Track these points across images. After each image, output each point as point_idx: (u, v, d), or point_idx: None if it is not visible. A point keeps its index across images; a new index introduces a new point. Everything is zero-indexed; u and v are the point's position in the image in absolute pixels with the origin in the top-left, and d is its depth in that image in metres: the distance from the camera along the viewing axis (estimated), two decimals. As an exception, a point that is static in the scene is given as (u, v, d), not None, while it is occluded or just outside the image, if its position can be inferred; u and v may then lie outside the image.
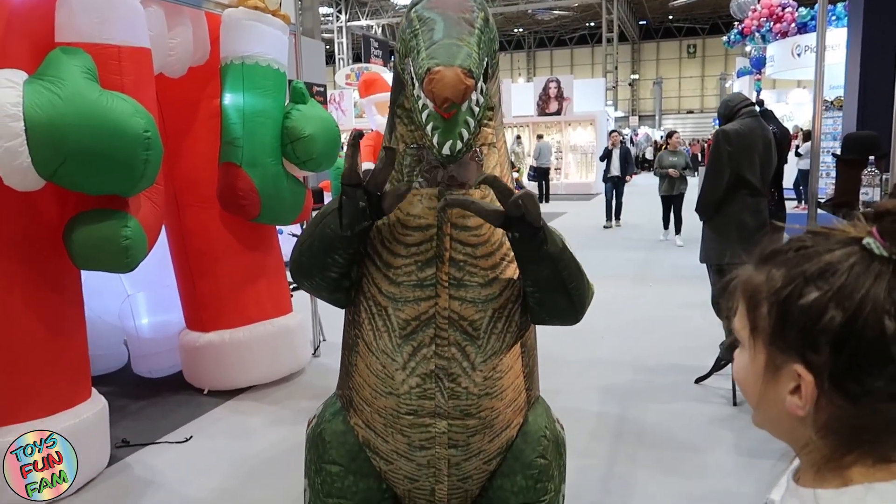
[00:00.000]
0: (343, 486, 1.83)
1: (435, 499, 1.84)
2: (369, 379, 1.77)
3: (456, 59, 1.38)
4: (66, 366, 2.92)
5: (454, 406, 1.72)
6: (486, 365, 1.72)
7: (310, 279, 1.76)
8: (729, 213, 3.67)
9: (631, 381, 4.13)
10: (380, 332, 1.72)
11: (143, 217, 2.93)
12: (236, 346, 4.04)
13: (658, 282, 7.09)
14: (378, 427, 1.79)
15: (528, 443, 1.85)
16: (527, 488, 1.84)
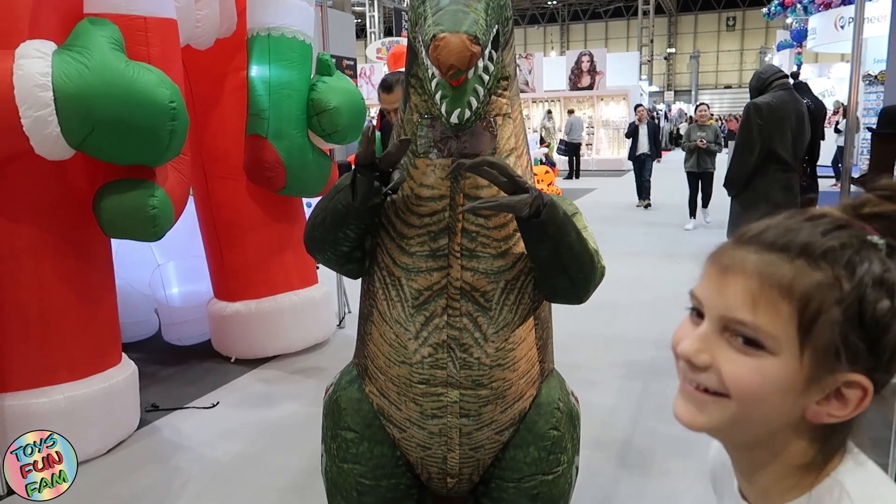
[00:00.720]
0: (357, 451, 1.87)
1: (447, 467, 1.87)
2: (383, 348, 1.80)
3: (461, 25, 1.37)
4: (96, 331, 3.01)
5: (466, 376, 1.74)
6: (498, 336, 1.73)
7: (322, 253, 1.79)
8: (758, 188, 3.59)
9: (653, 358, 4.11)
10: (393, 302, 1.74)
11: (169, 187, 2.98)
12: (263, 316, 4.11)
13: (686, 260, 6.99)
14: (391, 395, 1.82)
15: (541, 415, 1.86)
16: (539, 459, 1.85)
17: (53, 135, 2.51)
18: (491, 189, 1.65)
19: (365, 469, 1.87)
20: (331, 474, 1.93)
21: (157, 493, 2.71)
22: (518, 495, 1.86)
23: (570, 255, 1.65)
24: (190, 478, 2.82)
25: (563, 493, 1.91)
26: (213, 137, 4.00)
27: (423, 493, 2.01)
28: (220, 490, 2.72)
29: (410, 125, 1.68)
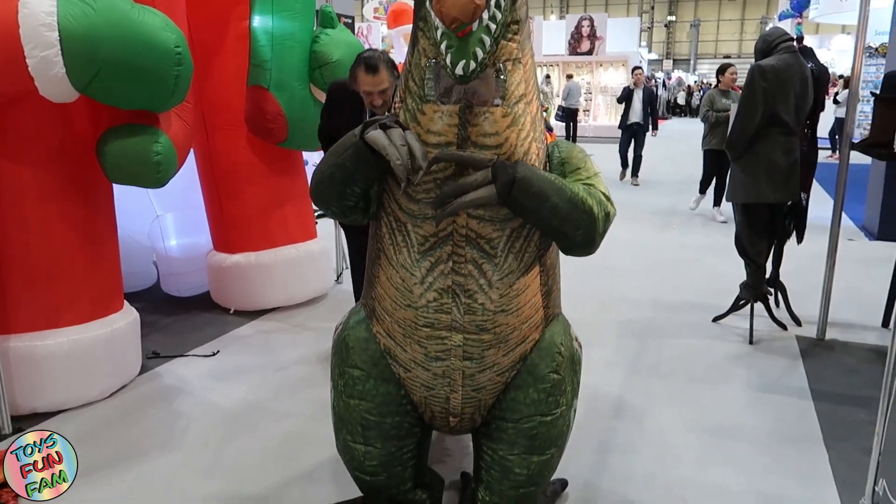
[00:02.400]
0: (364, 388, 1.91)
1: (449, 406, 1.92)
2: (389, 291, 1.83)
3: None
4: (99, 277, 3.02)
5: (470, 321, 1.77)
6: (502, 283, 1.76)
7: (328, 206, 1.83)
8: (760, 151, 3.60)
9: (650, 318, 4.17)
10: (399, 247, 1.77)
11: (173, 134, 2.97)
12: (262, 268, 4.13)
13: (682, 226, 7.04)
14: (397, 337, 1.86)
15: (542, 358, 1.90)
16: (538, 401, 1.90)
17: (59, 76, 2.49)
18: (499, 137, 1.65)
19: (371, 405, 1.91)
20: (337, 409, 1.98)
21: (161, 434, 2.75)
22: (517, 435, 1.92)
23: (559, 218, 1.67)
24: (192, 421, 2.87)
25: (560, 433, 1.96)
26: (213, 87, 3.96)
27: (425, 433, 2.07)
28: (223, 433, 2.77)
29: (418, 69, 1.67)
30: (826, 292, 3.81)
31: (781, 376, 3.35)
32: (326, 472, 2.46)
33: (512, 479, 1.95)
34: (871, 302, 4.24)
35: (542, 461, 1.94)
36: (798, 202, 3.85)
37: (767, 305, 3.95)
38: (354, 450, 1.97)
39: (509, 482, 1.96)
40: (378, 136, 1.62)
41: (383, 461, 1.96)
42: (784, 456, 2.61)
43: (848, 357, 3.59)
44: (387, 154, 1.59)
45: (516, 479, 1.95)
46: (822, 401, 3.06)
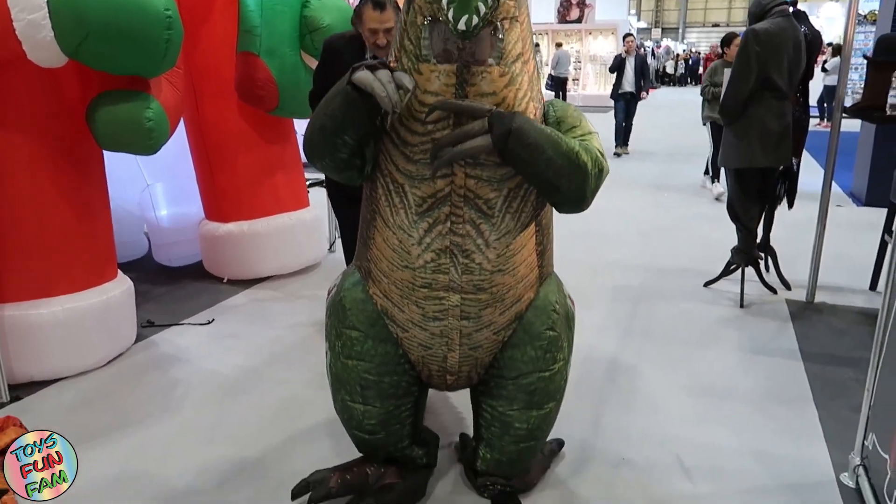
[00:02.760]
0: (362, 349, 1.93)
1: (447, 365, 1.94)
2: (386, 252, 1.83)
3: None
4: (93, 245, 3.00)
5: (467, 281, 1.79)
6: (499, 242, 1.77)
7: (321, 159, 1.78)
8: (753, 116, 3.61)
9: (642, 283, 4.21)
10: (396, 209, 1.77)
11: (164, 100, 2.93)
12: (255, 237, 4.12)
13: (673, 193, 7.07)
14: (395, 298, 1.86)
15: (538, 316, 1.92)
16: (536, 358, 1.93)
17: (47, 40, 2.44)
18: (496, 97, 1.66)
19: (369, 365, 1.93)
20: (335, 370, 1.99)
21: (159, 401, 2.77)
22: (517, 391, 1.95)
23: (553, 171, 1.67)
24: (190, 388, 2.88)
25: (558, 388, 2.00)
26: (202, 54, 3.90)
27: (422, 392, 2.10)
28: (221, 399, 2.78)
29: (414, 28, 1.65)
30: (815, 257, 3.85)
31: (772, 338, 3.40)
32: (325, 436, 2.49)
33: (512, 434, 1.99)
34: (859, 266, 4.29)
35: (541, 415, 1.98)
36: (789, 167, 3.88)
37: (758, 270, 3.99)
38: (353, 409, 1.99)
39: (510, 437, 1.99)
40: (364, 75, 1.58)
41: (382, 420, 1.99)
42: (775, 414, 2.66)
43: (836, 319, 3.65)
44: (372, 90, 1.56)
45: (516, 434, 1.99)
46: (811, 361, 3.12)
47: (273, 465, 2.32)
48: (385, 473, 2.06)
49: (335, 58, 3.03)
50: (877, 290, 4.01)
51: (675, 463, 2.34)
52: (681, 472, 2.29)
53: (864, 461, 2.17)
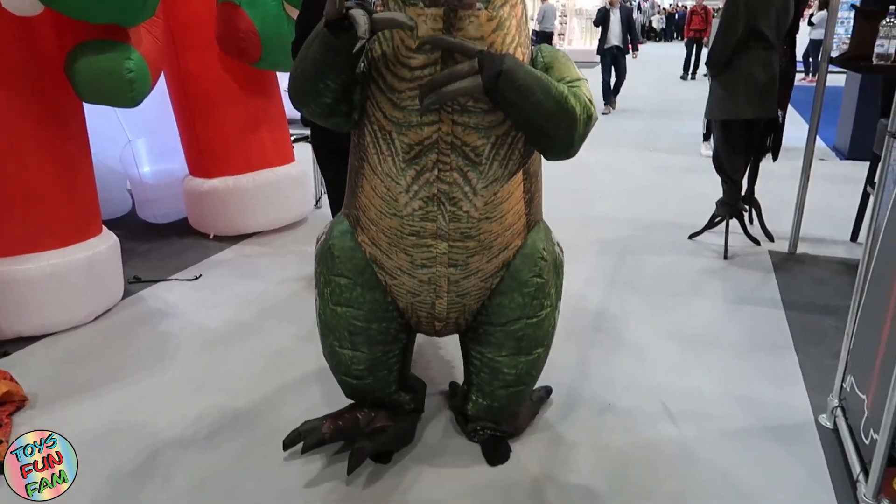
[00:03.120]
0: (351, 296, 1.94)
1: (435, 312, 1.96)
2: (374, 200, 1.83)
3: None
4: (76, 199, 2.96)
5: (455, 228, 1.79)
6: (487, 190, 1.77)
7: (306, 106, 1.76)
8: (740, 67, 3.60)
9: (627, 237, 4.24)
10: (384, 156, 1.76)
11: (145, 51, 2.87)
12: (241, 193, 4.09)
13: (658, 147, 7.08)
14: (383, 245, 1.87)
15: (525, 264, 1.94)
16: (524, 305, 1.96)
17: (21, -15, 2.37)
18: (484, 41, 1.64)
19: (358, 312, 1.95)
20: (324, 316, 2.00)
21: (150, 355, 2.77)
22: (505, 338, 1.99)
23: (542, 115, 1.65)
24: (182, 341, 2.89)
25: (546, 334, 2.03)
26: (182, 5, 3.80)
27: (410, 339, 2.12)
28: (211, 352, 2.80)
29: None
30: (798, 209, 3.90)
31: (755, 289, 3.46)
32: (314, 387, 2.51)
33: (501, 379, 2.03)
34: (841, 218, 4.35)
35: (529, 360, 2.02)
36: (775, 119, 3.89)
37: (742, 222, 4.03)
38: (342, 355, 2.01)
39: (499, 382, 2.03)
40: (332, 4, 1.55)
41: (369, 365, 2.01)
42: (757, 361, 2.73)
43: (818, 269, 3.71)
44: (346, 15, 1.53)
45: (505, 379, 2.03)
46: (792, 310, 3.18)
47: (264, 415, 2.35)
48: (376, 417, 2.10)
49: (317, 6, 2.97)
50: (857, 241, 4.07)
51: (660, 408, 2.40)
52: (665, 416, 2.35)
53: (842, 402, 2.24)
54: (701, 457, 2.14)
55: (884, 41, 3.39)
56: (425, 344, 2.76)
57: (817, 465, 2.09)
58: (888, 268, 1.94)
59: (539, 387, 2.38)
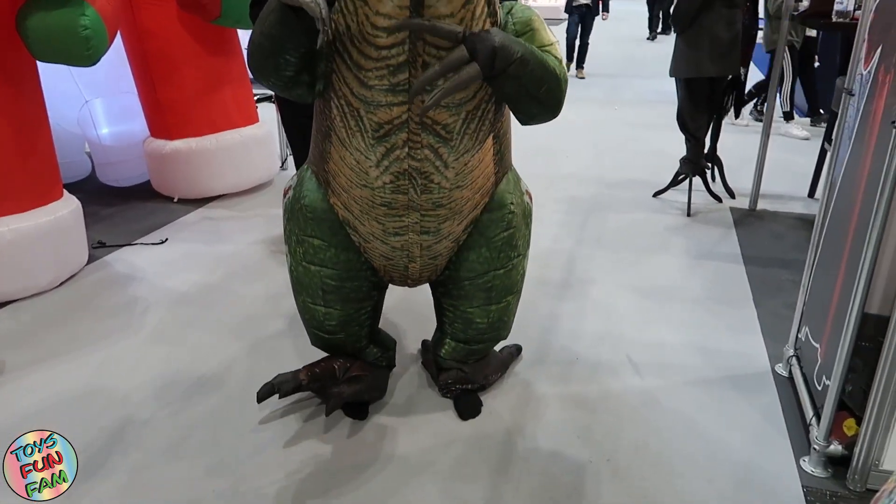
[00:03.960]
0: (325, 257, 1.94)
1: (408, 273, 2.00)
2: (343, 170, 1.80)
3: None
4: (36, 163, 2.89)
5: (426, 199, 1.78)
6: (458, 162, 1.75)
7: (266, 79, 1.70)
8: (703, 25, 3.63)
9: (593, 195, 4.30)
10: (352, 132, 1.70)
11: (100, 6, 2.77)
12: (204, 154, 4.02)
13: (623, 105, 7.12)
14: (354, 212, 1.86)
15: (492, 219, 1.95)
16: (491, 258, 1.99)
17: (-33, -62, 2.26)
18: (454, 17, 1.53)
19: (332, 272, 1.96)
20: (296, 274, 2.00)
21: (120, 319, 2.75)
22: (474, 290, 2.03)
23: (534, 83, 1.63)
24: (151, 304, 2.87)
25: (515, 282, 2.08)
26: (136, -42, 3.67)
27: (382, 294, 2.15)
28: (182, 315, 2.79)
29: None
30: (759, 165, 3.99)
31: (716, 244, 3.55)
32: (287, 347, 2.53)
33: (474, 328, 2.09)
34: (799, 175, 4.47)
35: (500, 308, 2.07)
36: (737, 77, 3.94)
37: (705, 180, 4.12)
38: (315, 310, 2.03)
39: (473, 330, 2.10)
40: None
41: (342, 321, 2.04)
42: (717, 313, 2.82)
43: (776, 225, 3.82)
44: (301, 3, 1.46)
45: (478, 328, 2.09)
46: (752, 265, 3.29)
47: (236, 375, 2.36)
48: (352, 367, 2.13)
49: None
50: (815, 198, 4.20)
51: (625, 360, 2.48)
52: (630, 368, 2.44)
53: (798, 352, 2.34)
54: (664, 405, 2.22)
55: None
56: (396, 303, 2.79)
57: (773, 412, 2.19)
58: (842, 222, 2.02)
59: (510, 344, 2.44)
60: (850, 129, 2.02)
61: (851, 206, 1.94)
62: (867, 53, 1.96)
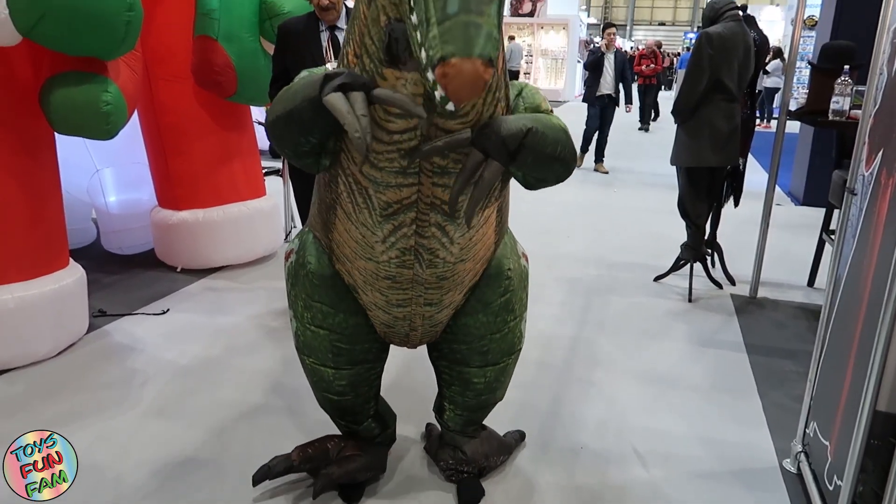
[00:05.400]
0: (334, 322, 1.93)
1: (408, 339, 2.01)
2: (349, 242, 1.80)
3: (475, 46, 1.14)
4: (44, 232, 2.91)
5: (431, 273, 1.79)
6: (463, 238, 1.77)
7: (281, 149, 1.73)
8: (703, 116, 3.75)
9: (594, 277, 4.32)
10: (359, 208, 1.70)
11: (122, 84, 2.86)
12: (210, 226, 4.06)
13: (622, 188, 7.25)
14: (358, 282, 1.86)
15: (490, 286, 1.94)
16: (488, 323, 1.98)
17: (1, 18, 2.35)
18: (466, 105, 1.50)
19: (341, 336, 1.94)
20: (304, 337, 1.98)
21: (116, 391, 2.71)
22: (471, 353, 2.02)
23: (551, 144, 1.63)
24: (149, 377, 2.83)
25: (512, 344, 2.06)
26: (157, 36, 3.80)
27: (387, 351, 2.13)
28: (182, 387, 2.75)
29: (377, 27, 1.48)
30: (759, 254, 4.03)
31: (718, 331, 3.55)
32: (286, 424, 2.49)
33: (472, 388, 2.07)
34: (798, 263, 4.51)
35: (497, 369, 2.05)
36: (737, 167, 4.04)
37: (705, 265, 4.15)
38: (324, 372, 1.99)
39: (471, 392, 2.08)
40: (338, 101, 1.45)
41: (352, 382, 2.01)
42: (722, 403, 2.80)
43: (777, 314, 3.83)
44: (345, 123, 1.45)
45: (476, 389, 2.07)
46: (754, 353, 3.27)
47: (234, 454, 2.31)
48: (345, 447, 2.09)
49: (290, 40, 3.03)
50: (814, 287, 4.22)
51: (629, 449, 2.44)
52: (635, 458, 2.39)
53: (806, 448, 2.31)
54: (670, 499, 2.17)
55: (839, 98, 3.58)
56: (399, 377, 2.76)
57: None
58: (849, 318, 2.03)
59: (513, 430, 2.41)
60: (854, 228, 2.06)
61: (858, 303, 1.96)
62: (868, 155, 2.02)
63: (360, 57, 1.54)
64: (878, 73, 2.04)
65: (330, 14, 2.84)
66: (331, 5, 2.81)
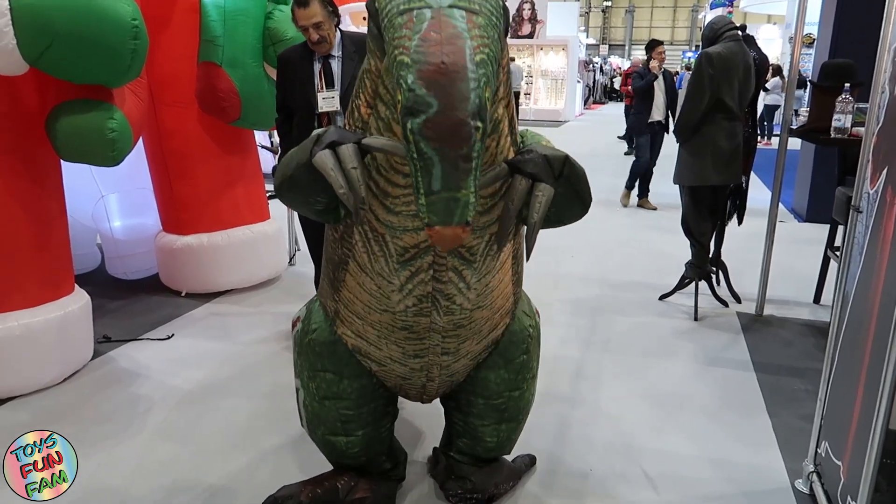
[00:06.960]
0: (339, 389, 1.94)
1: (424, 391, 1.98)
2: (361, 296, 1.78)
3: (454, 217, 1.26)
4: (49, 258, 2.92)
5: (448, 321, 1.78)
6: (480, 283, 1.76)
7: (294, 207, 1.73)
8: (705, 135, 3.76)
9: (599, 296, 4.31)
10: (375, 256, 1.69)
11: (128, 111, 2.88)
12: (215, 250, 4.06)
13: (628, 208, 7.25)
14: (371, 338, 1.85)
15: (513, 342, 1.98)
16: (509, 380, 2.00)
17: (9, 48, 2.38)
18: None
19: (347, 402, 1.95)
20: (312, 409, 1.99)
21: (121, 418, 2.70)
22: (487, 409, 2.02)
23: (581, 180, 1.66)
24: (154, 403, 2.82)
25: (527, 403, 2.08)
26: (161, 62, 3.84)
27: (395, 406, 2.13)
28: (186, 414, 2.73)
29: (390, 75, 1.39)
30: (764, 271, 4.02)
31: (725, 350, 3.53)
32: (292, 451, 2.47)
33: (483, 444, 2.07)
34: (803, 280, 4.50)
35: (510, 427, 2.07)
36: (739, 185, 4.05)
37: (710, 284, 4.14)
38: (335, 441, 2.01)
39: (481, 448, 2.08)
40: (323, 159, 1.45)
41: (364, 445, 2.02)
42: (730, 423, 2.77)
43: (784, 331, 3.81)
44: (329, 180, 1.45)
45: (486, 445, 2.07)
46: (762, 372, 3.25)
47: (240, 482, 2.29)
48: (356, 487, 2.07)
49: (288, 69, 3.06)
50: (821, 303, 4.21)
51: (639, 472, 2.41)
52: (645, 480, 2.36)
53: (818, 468, 2.28)
54: (683, 523, 2.14)
55: (840, 115, 3.59)
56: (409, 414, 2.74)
57: (796, 531, 2.12)
58: (858, 337, 2.02)
59: (523, 454, 2.39)
60: (861, 245, 2.06)
61: (867, 320, 1.95)
62: (873, 173, 2.02)
63: (374, 107, 1.54)
64: (879, 91, 2.05)
65: (322, 47, 2.86)
66: (321, 39, 2.83)
